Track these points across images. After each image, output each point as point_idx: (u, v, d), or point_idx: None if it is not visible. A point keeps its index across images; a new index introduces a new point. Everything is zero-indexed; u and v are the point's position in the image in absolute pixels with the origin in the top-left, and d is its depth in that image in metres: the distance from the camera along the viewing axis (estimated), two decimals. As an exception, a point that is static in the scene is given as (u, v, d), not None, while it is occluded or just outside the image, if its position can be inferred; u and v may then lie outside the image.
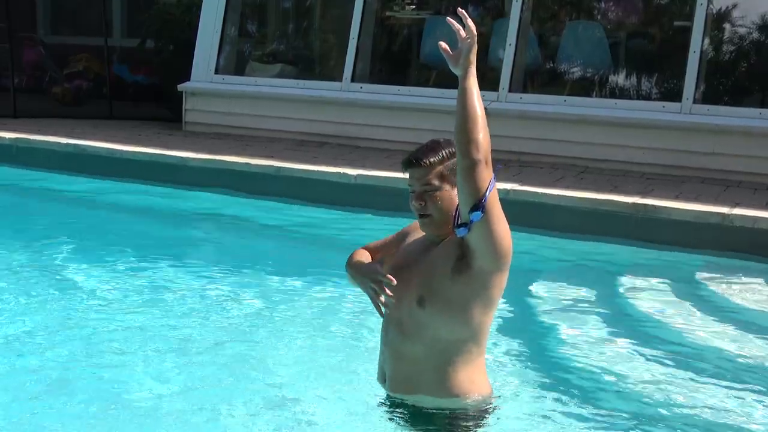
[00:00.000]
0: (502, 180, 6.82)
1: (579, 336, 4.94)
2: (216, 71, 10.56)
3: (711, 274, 6.09)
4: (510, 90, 9.00)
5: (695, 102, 8.33)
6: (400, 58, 11.20)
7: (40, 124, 10.38)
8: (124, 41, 13.90)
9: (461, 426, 3.31)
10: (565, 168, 8.26)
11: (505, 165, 7.93)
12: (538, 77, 9.91)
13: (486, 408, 3.39)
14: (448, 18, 3.16)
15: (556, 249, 6.67)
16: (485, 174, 3.07)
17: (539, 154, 8.65)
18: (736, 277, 6.03)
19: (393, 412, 3.44)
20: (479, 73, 3.14)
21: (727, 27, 9.15)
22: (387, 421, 3.45)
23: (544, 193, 7.07)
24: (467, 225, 3.12)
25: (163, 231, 7.32)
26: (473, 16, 10.71)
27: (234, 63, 10.93)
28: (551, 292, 5.75)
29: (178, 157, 8.59)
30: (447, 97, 8.17)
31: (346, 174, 7.77)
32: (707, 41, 8.68)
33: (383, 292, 3.24)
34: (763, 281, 5.96)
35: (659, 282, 5.95)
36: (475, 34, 3.09)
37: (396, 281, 3.25)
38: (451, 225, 3.23)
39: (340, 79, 9.87)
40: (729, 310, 5.44)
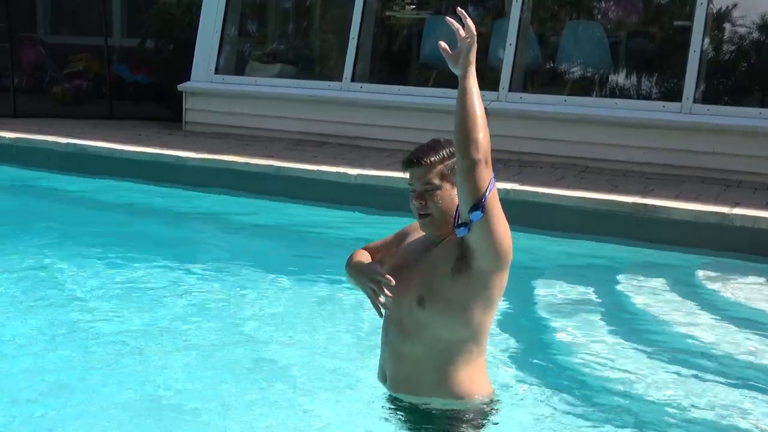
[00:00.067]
0: (502, 180, 6.82)
1: (579, 336, 4.94)
2: (216, 71, 10.56)
3: (711, 273, 6.09)
4: (510, 90, 9.01)
5: (695, 102, 8.33)
6: (400, 57, 11.21)
7: (40, 123, 10.38)
8: (124, 41, 13.90)
9: (462, 426, 3.31)
10: (565, 168, 8.26)
11: (505, 165, 7.93)
12: (538, 77, 9.91)
13: (487, 408, 3.39)
14: (447, 18, 3.16)
15: (556, 249, 6.67)
16: (485, 174, 3.07)
17: (539, 153, 8.65)
18: (736, 277, 6.04)
19: (394, 411, 3.44)
20: (479, 73, 3.14)
21: (728, 27, 9.15)
22: (388, 421, 3.46)
23: (544, 193, 7.07)
24: (467, 225, 3.12)
25: (163, 231, 7.32)
26: (473, 16, 10.67)
27: (234, 63, 10.94)
28: (551, 291, 5.74)
29: (178, 157, 8.59)
30: (447, 97, 8.17)
31: (346, 174, 7.77)
32: (707, 41, 8.68)
33: (382, 292, 3.24)
34: (764, 281, 5.96)
35: (659, 282, 5.95)
36: (475, 33, 3.09)
37: (396, 281, 3.25)
38: (451, 225, 3.23)
39: (340, 79, 9.87)
40: (729, 309, 5.44)
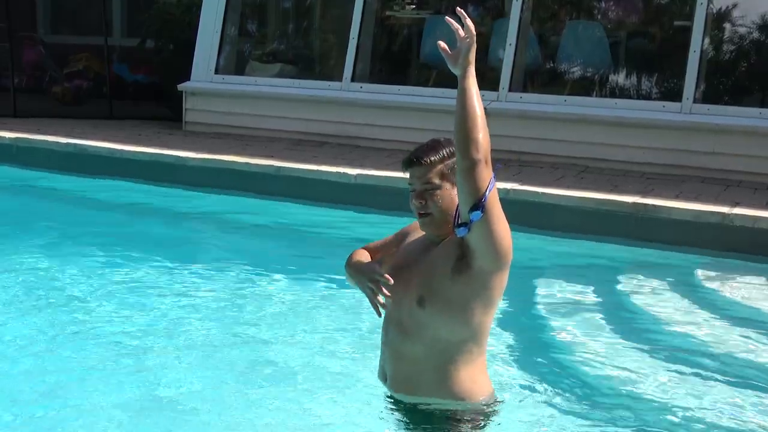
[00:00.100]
0: (502, 179, 6.81)
1: (579, 335, 4.94)
2: (216, 71, 10.56)
3: (711, 273, 6.09)
4: (510, 90, 9.01)
5: (695, 102, 8.33)
6: (400, 57, 11.20)
7: (40, 123, 10.38)
8: (124, 41, 13.90)
9: (462, 426, 3.31)
10: (566, 167, 8.26)
11: (505, 164, 7.93)
12: (538, 77, 9.91)
13: (487, 408, 3.38)
14: (446, 17, 3.16)
15: (556, 249, 6.67)
16: (485, 174, 3.07)
17: (539, 153, 8.65)
18: (736, 277, 6.04)
19: (394, 411, 3.44)
20: (479, 73, 3.14)
21: (728, 26, 9.15)
22: (388, 421, 3.45)
23: (544, 193, 7.07)
24: (467, 225, 3.12)
25: (163, 231, 7.31)
26: (473, 15, 10.67)
27: (234, 63, 10.94)
28: (551, 291, 5.75)
29: (178, 157, 8.59)
30: (447, 97, 8.16)
31: (346, 174, 7.77)
32: (707, 41, 8.68)
33: (380, 291, 3.24)
34: (764, 281, 5.96)
35: (659, 281, 5.95)
36: (474, 33, 3.08)
37: (396, 281, 3.25)
38: (451, 225, 3.23)
39: (340, 79, 9.87)
40: (729, 309, 5.44)
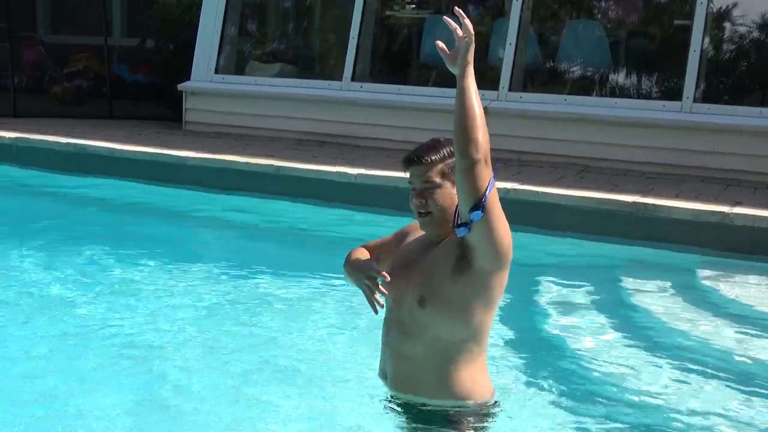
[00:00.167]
0: (502, 179, 6.81)
1: (579, 335, 4.94)
2: (216, 71, 10.56)
3: (711, 272, 6.09)
4: (510, 89, 9.00)
5: (695, 101, 8.33)
6: (400, 57, 11.20)
7: (40, 123, 10.38)
8: (124, 41, 13.91)
9: (463, 426, 3.31)
10: (566, 167, 8.26)
11: (505, 164, 7.92)
12: (538, 76, 9.91)
13: (487, 408, 3.38)
14: (444, 17, 3.16)
15: (556, 248, 6.66)
16: (485, 173, 3.07)
17: (539, 153, 8.65)
18: (736, 276, 6.04)
19: (394, 411, 3.44)
20: (479, 73, 3.13)
21: (728, 26, 9.14)
22: (388, 421, 3.45)
23: (544, 193, 7.07)
24: (467, 225, 3.11)
25: (163, 230, 7.31)
26: (473, 15, 10.62)
27: (234, 62, 10.94)
28: (551, 291, 5.75)
29: (178, 157, 8.59)
30: (447, 97, 8.13)
31: (346, 173, 7.77)
32: (707, 40, 8.67)
33: (377, 288, 3.24)
34: (764, 280, 5.96)
35: (659, 281, 5.95)
36: (472, 33, 3.07)
37: (396, 281, 3.26)
38: (451, 224, 3.23)
39: (340, 79, 9.87)
40: (729, 309, 5.44)
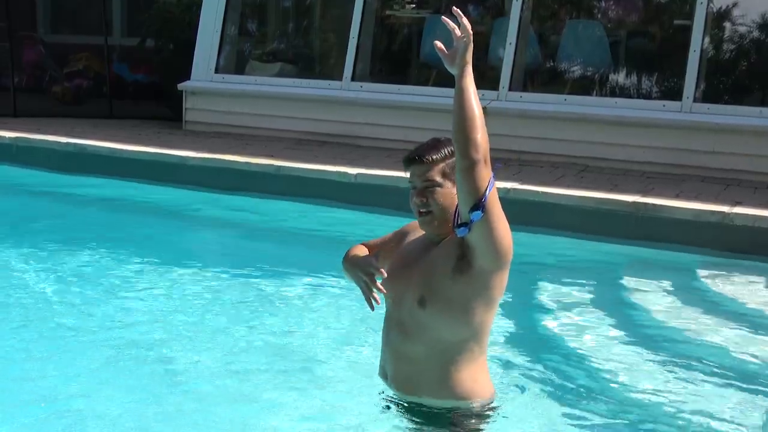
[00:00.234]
0: (502, 179, 6.82)
1: (579, 335, 4.94)
2: (216, 70, 10.57)
3: (711, 272, 6.09)
4: (510, 89, 9.00)
5: (695, 101, 8.33)
6: (400, 57, 11.20)
7: (40, 123, 10.38)
8: (124, 40, 13.90)
9: (464, 425, 3.31)
10: (566, 167, 8.26)
11: (505, 164, 7.93)
12: (538, 76, 9.91)
13: (488, 407, 3.38)
14: (443, 17, 3.16)
15: (556, 248, 6.66)
16: (484, 173, 3.07)
17: (539, 153, 8.65)
18: (736, 276, 6.04)
19: (395, 412, 3.44)
20: (479, 72, 3.13)
21: (728, 26, 9.15)
22: (388, 421, 3.45)
23: (544, 192, 7.07)
24: (467, 225, 3.11)
25: (163, 230, 7.32)
26: (473, 15, 10.59)
27: (234, 62, 10.94)
28: (551, 291, 5.75)
29: (178, 156, 8.59)
30: (447, 96, 8.10)
31: (346, 173, 7.77)
32: (707, 40, 8.67)
33: (374, 285, 3.24)
34: (764, 280, 5.96)
35: (659, 281, 5.95)
36: (471, 33, 3.07)
37: (396, 281, 3.26)
38: (451, 224, 3.23)
39: (340, 78, 9.87)
40: (729, 309, 5.44)
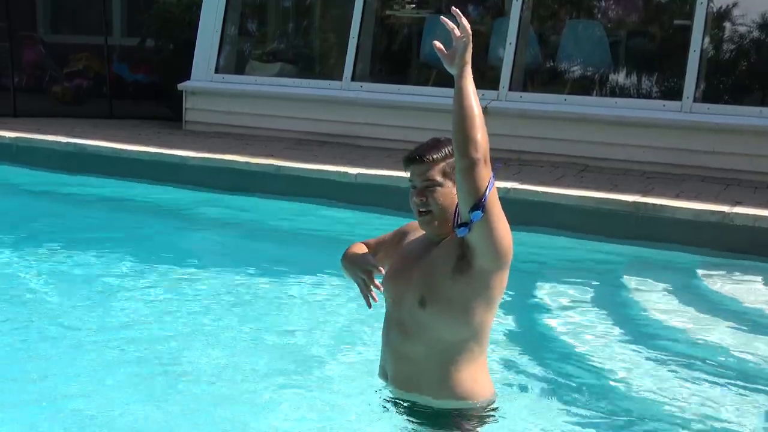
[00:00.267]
0: (502, 179, 6.82)
1: (579, 335, 4.94)
2: (216, 70, 10.57)
3: (711, 272, 6.08)
4: (510, 89, 8.99)
5: (695, 101, 8.33)
6: (400, 57, 11.20)
7: (40, 123, 10.38)
8: (124, 40, 13.90)
9: (464, 425, 3.31)
10: (566, 167, 8.26)
11: (505, 164, 7.92)
12: (538, 76, 9.91)
13: (488, 407, 3.38)
14: (442, 18, 3.16)
15: (556, 248, 6.67)
16: (484, 173, 3.07)
17: (539, 152, 8.65)
18: (736, 276, 6.03)
19: (395, 412, 3.44)
20: (479, 72, 3.14)
21: (728, 26, 9.15)
22: (389, 422, 3.45)
23: (544, 192, 7.07)
24: (467, 225, 3.11)
25: (163, 230, 7.32)
26: (473, 15, 10.58)
27: (234, 62, 10.94)
28: (551, 290, 5.75)
29: (178, 156, 8.59)
30: (447, 96, 8.10)
31: (346, 173, 7.77)
32: (707, 40, 8.67)
33: (372, 282, 3.24)
34: (764, 280, 5.96)
35: (660, 281, 5.94)
36: (470, 33, 3.07)
37: (395, 281, 3.26)
38: (451, 224, 3.23)
39: (340, 78, 9.87)
40: (729, 308, 5.44)
